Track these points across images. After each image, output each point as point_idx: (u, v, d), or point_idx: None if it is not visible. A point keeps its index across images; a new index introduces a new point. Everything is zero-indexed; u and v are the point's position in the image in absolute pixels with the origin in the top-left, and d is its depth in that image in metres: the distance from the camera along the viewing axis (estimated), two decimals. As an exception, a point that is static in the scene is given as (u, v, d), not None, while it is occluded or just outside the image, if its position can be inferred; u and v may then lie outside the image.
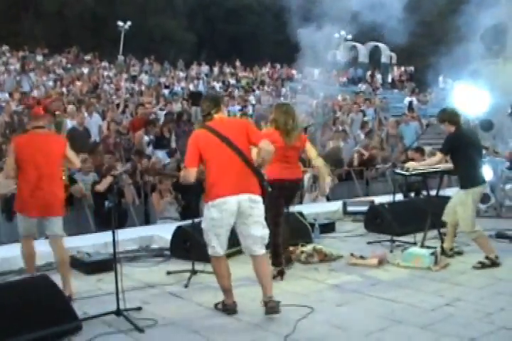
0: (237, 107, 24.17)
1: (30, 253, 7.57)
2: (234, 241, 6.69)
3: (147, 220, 12.90)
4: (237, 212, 6.30)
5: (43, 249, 8.60)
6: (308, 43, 12.06)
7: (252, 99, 28.08)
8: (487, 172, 11.38)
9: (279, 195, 7.74)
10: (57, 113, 17.05)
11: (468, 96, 12.94)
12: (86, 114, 17.67)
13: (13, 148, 7.29)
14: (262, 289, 6.47)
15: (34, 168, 7.15)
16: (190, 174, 6.41)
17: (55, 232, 7.44)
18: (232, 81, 35.41)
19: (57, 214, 7.43)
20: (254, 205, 6.35)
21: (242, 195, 6.28)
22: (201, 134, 6.45)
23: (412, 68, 44.41)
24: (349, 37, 48.13)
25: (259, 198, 6.41)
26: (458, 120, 8.95)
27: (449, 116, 9.00)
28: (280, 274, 7.94)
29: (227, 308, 6.62)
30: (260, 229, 6.44)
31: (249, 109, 24.88)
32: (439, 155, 9.03)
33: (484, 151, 11.02)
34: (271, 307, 6.35)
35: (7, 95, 21.93)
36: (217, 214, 6.27)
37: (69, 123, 16.19)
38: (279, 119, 8.00)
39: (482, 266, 8.49)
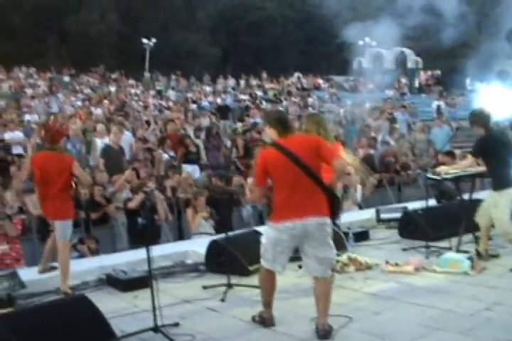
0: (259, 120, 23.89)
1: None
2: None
3: (181, 236, 12.93)
4: (303, 235, 6.14)
5: (77, 268, 8.70)
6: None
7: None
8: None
9: None
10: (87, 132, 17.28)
11: (496, 97, 12.84)
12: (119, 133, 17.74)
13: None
14: (317, 312, 6.29)
15: (50, 182, 8.41)
16: (259, 194, 6.49)
17: (58, 235, 8.50)
18: (259, 93, 35.43)
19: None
20: (322, 228, 6.16)
21: (308, 218, 6.09)
22: (269, 152, 6.31)
23: (438, 72, 44.25)
24: (374, 43, 48.07)
25: (327, 220, 6.23)
26: (487, 121, 8.89)
27: (478, 118, 8.96)
28: None
29: (265, 321, 6.58)
30: (326, 250, 6.27)
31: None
32: (470, 158, 8.99)
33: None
34: (324, 333, 6.15)
35: (37, 117, 22.15)
36: (281, 236, 6.17)
37: (99, 142, 16.29)
38: (311, 130, 7.98)
39: (520, 268, 8.42)
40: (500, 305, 6.93)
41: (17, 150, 17.46)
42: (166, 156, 16.46)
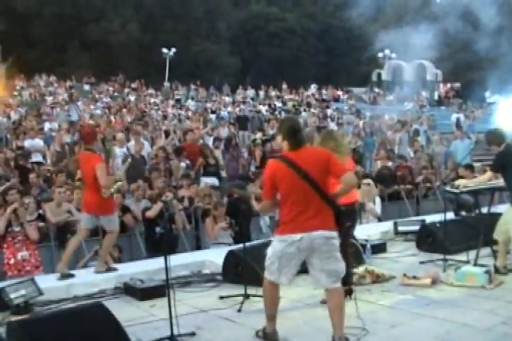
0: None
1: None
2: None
3: (198, 246, 12.94)
4: (309, 248, 6.13)
5: (95, 276, 8.75)
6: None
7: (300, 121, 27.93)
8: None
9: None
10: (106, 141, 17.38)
11: (514, 110, 12.83)
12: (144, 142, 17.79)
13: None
14: (332, 325, 6.23)
15: (87, 181, 9.38)
16: (267, 207, 6.51)
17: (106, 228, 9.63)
18: (279, 104, 35.48)
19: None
20: (328, 241, 6.15)
21: (315, 232, 6.08)
22: (277, 166, 6.28)
23: (458, 84, 44.22)
24: (393, 55, 48.10)
25: (333, 234, 6.21)
26: (503, 140, 8.90)
27: (494, 138, 9.01)
28: (348, 293, 7.91)
29: (267, 336, 6.53)
30: (334, 263, 6.23)
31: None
32: (489, 173, 9.00)
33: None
34: None
35: (56, 125, 22.28)
36: (287, 249, 6.16)
37: (117, 150, 16.37)
38: (327, 146, 7.97)
39: (538, 283, 8.38)
40: (518, 320, 6.91)
41: (36, 157, 17.59)
42: (183, 165, 16.47)
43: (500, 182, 9.25)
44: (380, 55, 50.21)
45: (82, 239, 10.00)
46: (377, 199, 13.77)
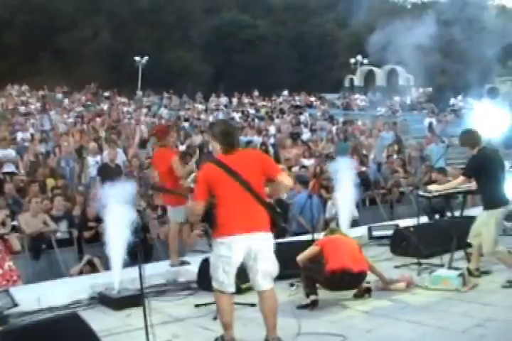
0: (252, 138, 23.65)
1: None
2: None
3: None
4: (246, 250, 6.16)
5: (70, 286, 8.71)
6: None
7: (272, 128, 27.90)
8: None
9: None
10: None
11: (487, 115, 12.95)
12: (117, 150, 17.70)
13: None
14: (266, 327, 6.31)
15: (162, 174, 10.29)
16: (196, 207, 6.41)
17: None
18: (252, 111, 35.48)
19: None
20: (264, 243, 6.20)
21: (251, 233, 6.14)
22: (209, 168, 6.35)
23: (430, 89, 44.48)
24: (365, 61, 48.37)
25: (269, 235, 6.27)
26: (478, 142, 8.94)
27: (468, 139, 9.02)
28: (313, 304, 7.94)
29: None
30: (270, 264, 6.27)
31: (271, 139, 24.57)
32: (461, 178, 9.04)
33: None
34: None
35: (29, 135, 22.11)
36: (226, 252, 6.16)
37: (90, 159, 16.31)
38: None
39: (511, 284, 8.43)
40: (493, 322, 6.96)
41: (9, 168, 17.40)
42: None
43: (472, 185, 9.34)
44: (352, 60, 50.50)
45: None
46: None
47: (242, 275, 6.57)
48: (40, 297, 8.50)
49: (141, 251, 6.58)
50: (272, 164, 6.52)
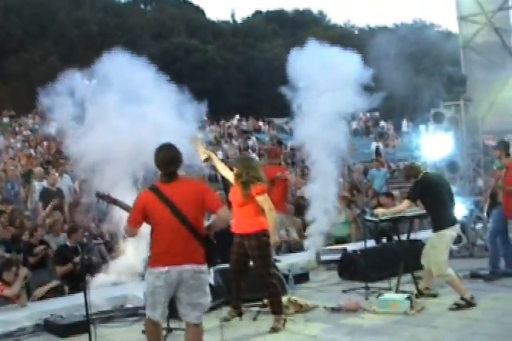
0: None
1: None
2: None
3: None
4: (178, 282, 6.09)
5: (14, 314, 8.56)
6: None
7: (219, 153, 27.82)
8: (459, 211, 11.52)
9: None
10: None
11: (433, 139, 13.15)
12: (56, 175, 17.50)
13: None
14: None
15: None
16: (131, 233, 6.43)
17: None
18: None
19: None
20: (197, 275, 6.13)
21: (184, 265, 6.06)
22: (147, 196, 6.25)
23: (377, 114, 44.89)
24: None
25: (203, 267, 6.19)
26: (419, 172, 9.20)
27: (411, 173, 9.34)
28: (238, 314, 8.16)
29: None
30: (201, 296, 6.19)
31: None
32: (406, 202, 9.16)
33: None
34: None
35: (-25, 159, 21.77)
36: (158, 283, 6.08)
37: (36, 184, 16.13)
38: (242, 173, 8.33)
39: (458, 307, 8.52)
40: (439, 345, 7.00)
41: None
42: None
43: (418, 210, 9.49)
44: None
45: None
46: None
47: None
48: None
49: (85, 277, 6.50)
50: (214, 198, 6.40)
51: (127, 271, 9.94)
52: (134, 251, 9.72)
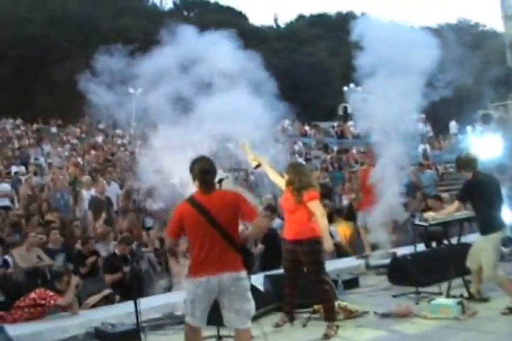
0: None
1: None
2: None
3: (171, 287, 12.76)
4: (218, 290, 6.17)
5: (65, 322, 8.61)
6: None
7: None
8: (508, 214, 11.32)
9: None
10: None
11: (481, 140, 12.98)
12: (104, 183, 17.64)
13: None
14: None
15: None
16: (168, 240, 6.79)
17: None
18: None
19: None
20: (237, 283, 6.19)
21: (222, 273, 6.15)
22: (185, 208, 6.34)
23: (423, 115, 44.53)
24: (359, 89, 48.35)
25: (241, 275, 6.25)
26: (474, 166, 8.95)
27: (464, 162, 9.04)
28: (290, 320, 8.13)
29: None
30: (244, 302, 6.27)
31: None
32: (456, 203, 9.02)
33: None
34: None
35: (23, 168, 22.03)
36: (198, 291, 6.16)
37: (84, 193, 16.27)
38: (293, 180, 8.31)
39: (510, 311, 8.38)
40: (492, 350, 6.90)
41: (3, 202, 17.33)
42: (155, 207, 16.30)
43: (469, 213, 9.35)
44: (346, 88, 50.56)
45: None
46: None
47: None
48: (37, 333, 8.42)
49: (135, 285, 6.53)
50: (249, 207, 6.43)
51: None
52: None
